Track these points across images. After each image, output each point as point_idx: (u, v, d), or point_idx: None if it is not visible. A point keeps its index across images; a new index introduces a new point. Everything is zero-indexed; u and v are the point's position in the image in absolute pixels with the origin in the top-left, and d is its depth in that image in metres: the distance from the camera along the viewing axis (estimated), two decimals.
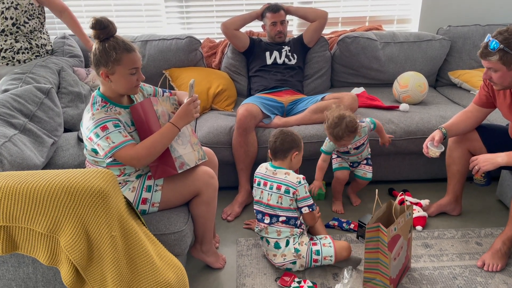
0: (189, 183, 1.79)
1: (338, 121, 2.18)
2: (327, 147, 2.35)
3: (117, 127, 1.64)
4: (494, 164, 1.89)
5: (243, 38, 3.00)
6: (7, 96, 1.97)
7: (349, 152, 2.39)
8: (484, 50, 1.81)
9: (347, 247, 1.97)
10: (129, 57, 1.66)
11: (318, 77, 3.12)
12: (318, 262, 1.96)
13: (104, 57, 1.63)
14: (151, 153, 1.65)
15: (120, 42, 1.65)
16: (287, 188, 1.95)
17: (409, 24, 3.53)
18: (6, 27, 2.40)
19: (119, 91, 1.71)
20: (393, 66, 3.15)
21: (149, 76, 3.02)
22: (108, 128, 1.62)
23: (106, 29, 1.63)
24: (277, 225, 1.97)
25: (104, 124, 1.62)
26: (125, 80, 1.68)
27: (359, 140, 2.34)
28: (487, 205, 2.52)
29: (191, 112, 1.74)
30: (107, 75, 1.66)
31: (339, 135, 2.19)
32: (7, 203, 1.30)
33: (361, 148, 2.37)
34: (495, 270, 1.97)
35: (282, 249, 1.95)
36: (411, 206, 1.90)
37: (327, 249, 1.95)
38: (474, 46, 3.20)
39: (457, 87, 3.22)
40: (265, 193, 2.00)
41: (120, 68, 1.65)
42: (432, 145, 2.08)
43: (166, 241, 1.70)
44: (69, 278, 1.39)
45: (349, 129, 2.18)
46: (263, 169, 2.05)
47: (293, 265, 1.96)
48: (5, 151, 1.64)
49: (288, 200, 1.95)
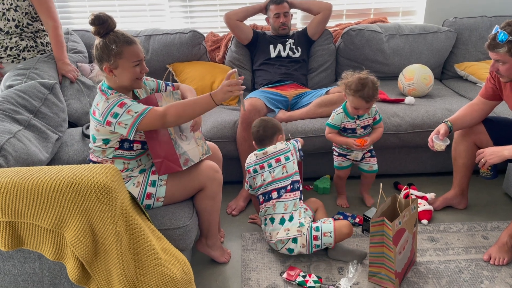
0: (193, 178, 1.79)
1: (363, 81, 2.13)
2: (334, 120, 2.29)
3: (133, 101, 1.65)
4: (500, 157, 1.87)
5: (246, 30, 2.99)
6: (11, 92, 1.97)
7: (355, 130, 2.29)
8: (492, 42, 1.78)
9: (347, 224, 1.99)
10: (130, 49, 1.65)
11: (322, 71, 3.10)
12: (318, 241, 1.95)
13: (106, 51, 1.63)
14: (179, 114, 1.64)
15: (120, 36, 1.65)
16: (285, 156, 2.07)
17: (414, 16, 3.50)
18: (10, 28, 2.39)
19: (124, 84, 1.71)
20: (398, 58, 3.13)
21: (153, 70, 3.01)
22: (126, 104, 1.63)
23: (105, 23, 1.62)
24: (284, 197, 2.03)
25: (121, 101, 1.63)
26: (129, 73, 1.68)
27: (367, 119, 2.29)
28: (493, 199, 2.50)
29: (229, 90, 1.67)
30: (111, 70, 1.66)
31: (370, 94, 2.13)
32: (13, 199, 1.31)
33: (367, 130, 2.31)
34: (501, 264, 1.96)
35: (286, 224, 1.99)
36: (416, 200, 1.89)
37: (326, 225, 1.97)
38: (481, 38, 3.17)
39: (463, 80, 3.19)
40: (266, 174, 2.06)
41: (122, 61, 1.65)
42: (437, 138, 2.07)
43: (171, 236, 1.70)
44: (75, 273, 1.40)
45: (376, 85, 2.15)
46: (252, 158, 2.12)
47: (294, 245, 1.96)
48: (10, 147, 1.64)
49: (292, 163, 2.07)
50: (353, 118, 2.26)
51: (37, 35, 2.49)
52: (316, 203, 2.24)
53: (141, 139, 1.77)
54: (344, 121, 2.27)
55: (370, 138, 2.25)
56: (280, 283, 1.91)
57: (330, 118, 2.32)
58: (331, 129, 2.32)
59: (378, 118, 2.31)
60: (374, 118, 2.30)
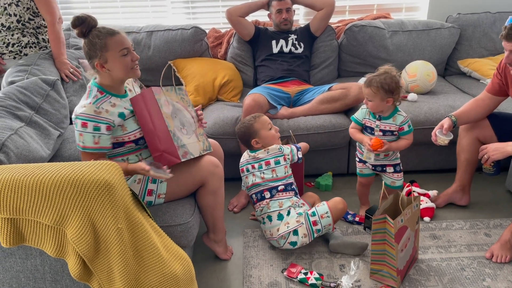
0: (193, 173, 1.79)
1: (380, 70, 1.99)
2: (358, 114, 2.14)
3: (96, 130, 1.64)
4: (504, 153, 1.86)
5: (247, 25, 2.98)
6: (13, 88, 1.97)
7: (373, 131, 2.10)
8: (510, 32, 1.76)
9: (339, 200, 2.01)
10: (114, 39, 1.65)
11: (325, 67, 3.09)
12: (318, 225, 1.96)
13: (92, 48, 1.64)
14: None
15: (102, 29, 1.66)
16: (276, 160, 2.06)
17: (417, 12, 3.48)
18: (11, 23, 2.39)
19: (119, 76, 1.71)
20: (401, 55, 3.11)
21: (154, 66, 3.01)
22: (87, 128, 1.63)
23: (85, 22, 1.63)
24: (277, 196, 2.03)
25: (86, 121, 1.63)
26: (120, 63, 1.67)
27: (390, 125, 2.05)
28: (496, 196, 2.49)
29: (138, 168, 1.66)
30: (102, 65, 1.67)
31: (371, 79, 1.98)
32: (14, 195, 1.31)
33: (388, 136, 2.08)
34: (504, 262, 1.95)
35: (285, 219, 2.00)
36: (418, 197, 1.88)
37: (321, 208, 1.99)
38: (484, 34, 3.14)
39: (466, 76, 3.17)
40: (257, 174, 2.07)
41: (109, 53, 1.65)
42: (441, 132, 2.05)
43: (172, 233, 1.70)
44: (76, 269, 1.40)
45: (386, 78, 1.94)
46: (245, 157, 2.14)
47: (296, 237, 1.97)
48: (12, 144, 1.64)
49: (283, 168, 2.06)
50: (375, 117, 2.07)
51: (39, 31, 2.49)
52: (313, 197, 2.24)
53: (131, 139, 1.76)
54: (366, 117, 2.11)
55: (389, 145, 2.04)
56: (282, 280, 1.91)
57: (356, 112, 2.18)
58: (354, 124, 2.17)
59: (406, 129, 2.05)
60: (401, 128, 2.05)
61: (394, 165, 2.16)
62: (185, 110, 1.88)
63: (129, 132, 1.74)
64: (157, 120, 1.72)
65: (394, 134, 2.08)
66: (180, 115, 1.83)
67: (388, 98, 1.97)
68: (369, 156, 2.14)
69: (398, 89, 1.96)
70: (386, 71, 1.97)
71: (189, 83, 2.89)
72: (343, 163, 2.72)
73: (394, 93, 1.96)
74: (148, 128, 1.73)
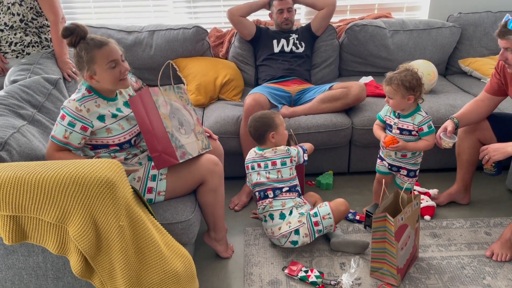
0: (193, 171, 1.80)
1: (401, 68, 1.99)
2: (381, 111, 2.15)
3: (70, 125, 1.65)
4: (504, 153, 1.86)
5: (249, 25, 2.98)
6: (15, 87, 1.98)
7: (392, 129, 2.08)
8: (503, 29, 1.78)
9: (342, 201, 2.03)
10: (101, 52, 1.65)
11: (326, 66, 3.09)
12: (319, 226, 1.97)
13: (80, 60, 1.66)
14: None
15: (90, 41, 1.65)
16: (282, 161, 2.04)
17: (418, 12, 3.48)
18: (15, 23, 2.40)
19: (108, 87, 1.73)
20: (402, 54, 3.11)
21: (156, 66, 3.02)
22: (63, 120, 1.65)
23: (74, 32, 1.63)
24: (281, 196, 2.03)
25: (65, 114, 1.66)
26: (108, 75, 1.68)
27: (408, 124, 2.02)
28: (496, 195, 2.50)
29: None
30: (91, 77, 1.68)
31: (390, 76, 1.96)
32: (16, 193, 1.32)
33: (405, 136, 2.04)
34: (504, 260, 1.95)
35: (287, 218, 2.00)
36: (419, 196, 1.89)
37: (323, 209, 2.00)
38: (485, 34, 3.14)
39: (467, 75, 3.17)
40: (262, 173, 2.06)
41: (96, 66, 1.65)
42: (445, 135, 2.05)
43: (173, 231, 1.71)
44: (78, 267, 1.41)
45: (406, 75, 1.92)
46: (252, 154, 2.12)
47: (297, 236, 1.97)
48: (14, 142, 1.65)
49: (288, 170, 2.05)
50: (395, 114, 2.06)
51: (42, 30, 2.50)
52: (314, 196, 2.25)
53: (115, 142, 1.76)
54: (387, 114, 2.10)
55: (404, 144, 2.01)
56: (282, 278, 1.91)
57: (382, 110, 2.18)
58: (377, 121, 2.17)
59: (425, 130, 2.00)
60: (420, 129, 2.01)
61: (409, 170, 2.13)
62: (183, 108, 1.88)
63: (113, 136, 1.75)
64: (155, 121, 1.73)
65: (413, 135, 2.04)
66: (178, 114, 1.84)
67: (410, 96, 1.95)
68: (389, 154, 2.14)
69: (419, 86, 1.95)
70: (406, 68, 1.97)
71: (190, 82, 2.90)
72: (344, 162, 2.72)
73: (416, 90, 1.94)
74: (146, 128, 1.74)
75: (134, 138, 1.83)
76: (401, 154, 2.10)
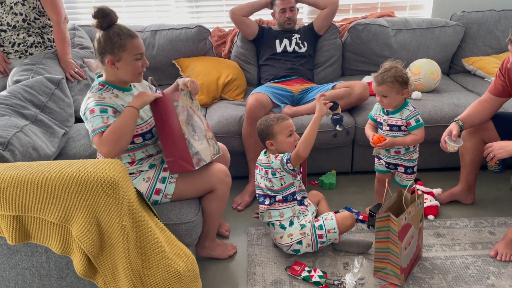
0: (204, 179, 1.81)
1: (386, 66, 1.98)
2: (372, 110, 2.16)
3: (103, 112, 1.61)
4: (509, 151, 1.85)
5: (251, 25, 2.98)
6: (18, 87, 1.99)
7: (382, 126, 2.09)
8: None
9: (349, 215, 1.99)
10: (133, 42, 1.66)
11: (328, 65, 3.09)
12: (323, 238, 1.96)
13: (109, 44, 1.64)
14: (118, 136, 1.56)
15: (124, 28, 1.67)
16: (272, 171, 1.98)
17: (422, 10, 3.46)
18: (17, 23, 2.40)
19: (125, 78, 1.72)
20: (405, 53, 3.10)
21: (158, 66, 3.02)
22: (94, 112, 1.61)
23: (108, 17, 1.64)
24: (277, 206, 2.00)
25: (92, 107, 1.62)
26: (131, 66, 1.69)
27: (397, 119, 2.02)
28: (500, 194, 2.48)
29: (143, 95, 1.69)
30: (113, 63, 1.67)
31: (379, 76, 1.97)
32: (20, 193, 1.32)
33: (395, 132, 2.04)
34: (508, 260, 1.94)
35: (288, 229, 1.98)
36: (422, 195, 1.88)
37: (329, 222, 1.97)
38: (489, 32, 3.13)
39: (471, 74, 3.15)
40: (258, 178, 2.07)
41: (125, 54, 1.66)
42: (450, 139, 2.03)
43: (177, 231, 1.71)
44: (81, 266, 1.41)
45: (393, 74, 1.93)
46: (261, 155, 2.09)
47: (300, 246, 1.96)
48: (17, 142, 1.65)
49: (278, 180, 1.98)
50: (384, 112, 2.07)
51: (44, 30, 2.50)
52: (318, 195, 2.23)
53: (138, 132, 1.75)
54: (377, 112, 2.12)
55: (391, 140, 2.00)
56: (285, 278, 1.91)
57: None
58: (369, 120, 2.19)
59: (413, 124, 2.00)
60: (408, 123, 2.01)
61: (407, 166, 2.12)
62: (195, 114, 1.88)
63: (137, 125, 1.72)
64: (174, 126, 1.72)
65: (402, 130, 2.04)
66: (192, 120, 1.83)
67: (404, 90, 1.97)
68: (378, 152, 2.16)
69: (408, 79, 1.98)
70: (392, 65, 1.97)
71: None
72: (347, 161, 2.71)
73: (407, 83, 1.97)
74: (165, 133, 1.73)
75: (154, 128, 1.81)
76: (394, 151, 2.10)
